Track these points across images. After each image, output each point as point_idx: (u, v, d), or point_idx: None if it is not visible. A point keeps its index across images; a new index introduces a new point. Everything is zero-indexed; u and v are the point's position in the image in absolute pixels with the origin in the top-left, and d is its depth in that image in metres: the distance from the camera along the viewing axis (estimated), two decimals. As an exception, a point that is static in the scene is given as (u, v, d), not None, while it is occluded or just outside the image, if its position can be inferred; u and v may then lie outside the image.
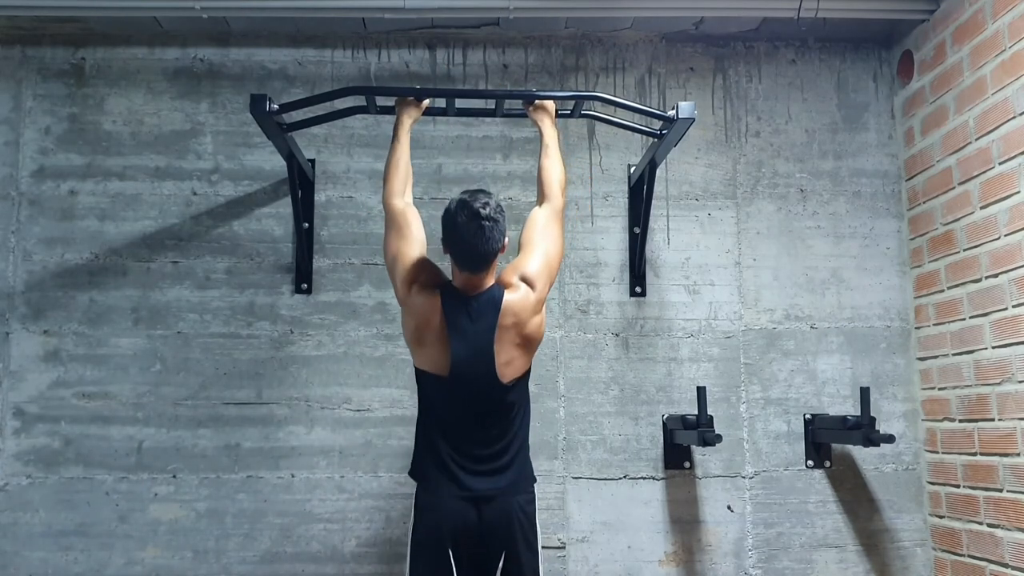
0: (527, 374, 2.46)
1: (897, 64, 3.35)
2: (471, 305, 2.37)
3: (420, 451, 2.45)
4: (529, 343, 2.42)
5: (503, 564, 2.36)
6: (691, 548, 3.12)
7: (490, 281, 2.41)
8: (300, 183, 3.08)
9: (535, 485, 2.47)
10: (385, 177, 2.57)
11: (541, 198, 2.60)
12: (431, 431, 2.43)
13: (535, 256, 2.47)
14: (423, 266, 2.43)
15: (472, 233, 2.31)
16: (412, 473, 2.46)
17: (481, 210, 2.31)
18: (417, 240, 2.47)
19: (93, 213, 3.17)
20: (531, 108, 2.76)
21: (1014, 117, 2.68)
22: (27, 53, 3.23)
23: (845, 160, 3.34)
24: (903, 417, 3.22)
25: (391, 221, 2.50)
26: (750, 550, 3.14)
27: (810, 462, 3.18)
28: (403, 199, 2.52)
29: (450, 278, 2.45)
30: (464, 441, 2.39)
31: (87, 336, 3.10)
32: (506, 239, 2.39)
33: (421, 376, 2.45)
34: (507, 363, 2.37)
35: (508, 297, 2.38)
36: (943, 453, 3.07)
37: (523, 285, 2.42)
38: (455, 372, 2.35)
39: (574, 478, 3.14)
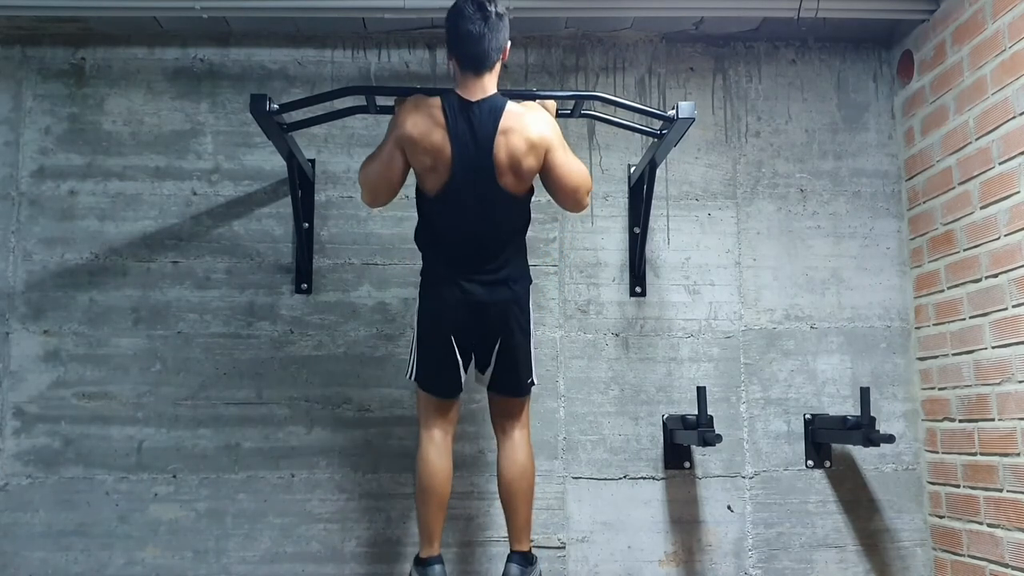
0: (526, 196, 2.55)
1: (897, 64, 3.35)
2: (472, 110, 2.44)
3: (425, 265, 2.62)
4: (522, 174, 2.48)
5: (499, 347, 2.56)
6: (691, 548, 3.12)
7: (493, 88, 2.48)
8: (300, 183, 3.08)
9: (530, 284, 2.64)
10: (363, 166, 2.62)
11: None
12: (432, 250, 2.58)
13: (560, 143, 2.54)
14: (411, 111, 2.49)
15: (477, 25, 2.40)
16: (421, 272, 2.63)
17: (487, 3, 2.41)
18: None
19: (93, 213, 3.17)
20: (531, 107, 2.78)
21: (1014, 117, 2.68)
22: (27, 53, 3.23)
23: (845, 160, 3.34)
24: (903, 417, 3.22)
25: (368, 162, 2.61)
26: (750, 550, 3.14)
27: (810, 462, 3.18)
28: None
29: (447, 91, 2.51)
30: (464, 251, 2.51)
31: (87, 336, 3.10)
32: (508, 45, 2.49)
33: (423, 199, 2.56)
34: (503, 174, 2.45)
35: (510, 107, 2.46)
36: (943, 453, 3.07)
37: (529, 114, 2.48)
38: (456, 176, 2.44)
39: (574, 478, 3.14)
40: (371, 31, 3.27)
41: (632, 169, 3.27)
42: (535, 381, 2.66)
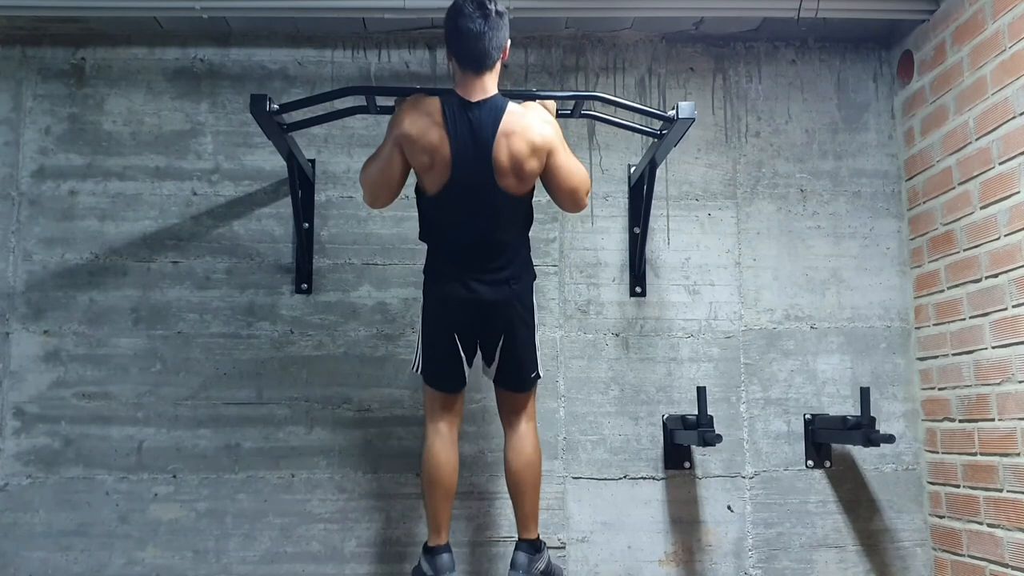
0: (527, 196, 2.55)
1: (897, 64, 3.35)
2: (472, 110, 2.43)
3: (428, 261, 2.62)
4: (524, 176, 2.47)
5: (502, 344, 2.58)
6: (691, 548, 3.12)
7: (493, 88, 2.47)
8: (300, 183, 3.08)
9: (534, 279, 2.65)
10: (363, 167, 2.62)
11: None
12: (434, 248, 2.59)
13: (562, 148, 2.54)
14: (409, 112, 2.49)
15: (477, 24, 2.38)
16: (424, 270, 2.63)
17: (487, 2, 2.39)
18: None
19: (93, 213, 3.17)
20: (531, 107, 2.78)
21: (1014, 117, 2.68)
22: (27, 53, 3.23)
23: (845, 160, 3.34)
24: (903, 417, 3.22)
25: (368, 163, 2.60)
26: (750, 550, 3.14)
27: (810, 462, 3.18)
28: None
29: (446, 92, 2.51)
30: (465, 250, 2.51)
31: (87, 336, 3.10)
32: (508, 43, 2.47)
33: (424, 201, 2.56)
34: (504, 176, 2.44)
35: (512, 108, 2.45)
36: (943, 453, 3.07)
37: (531, 115, 2.48)
38: (455, 177, 2.43)
39: (574, 478, 3.14)
40: (371, 31, 3.27)
41: (632, 169, 3.27)
42: (540, 374, 2.70)
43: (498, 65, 2.48)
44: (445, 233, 2.56)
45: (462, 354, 2.58)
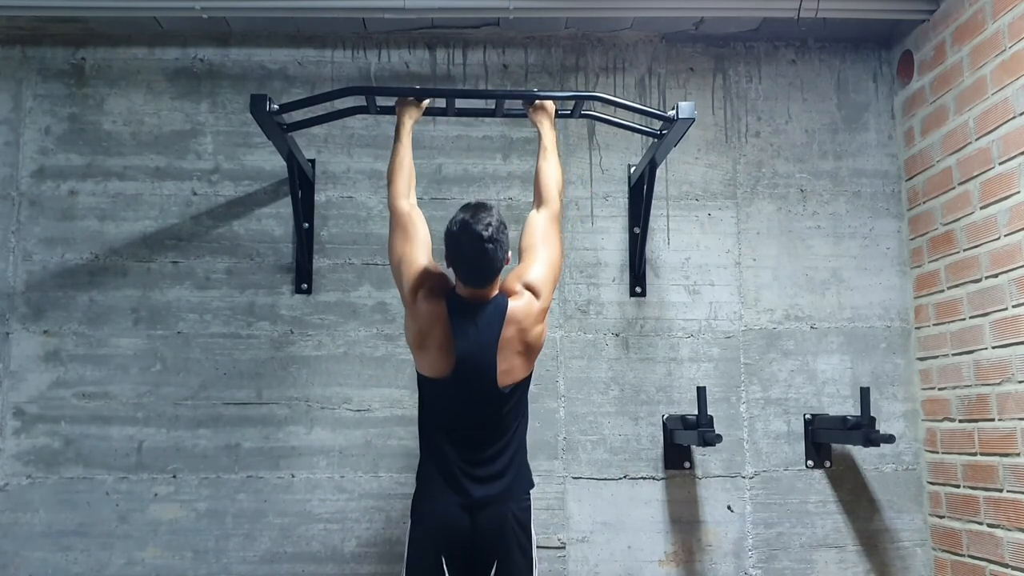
0: (527, 380, 2.47)
1: (897, 64, 3.35)
2: (476, 313, 2.38)
3: (422, 455, 2.48)
4: (530, 351, 2.43)
5: (496, 571, 2.38)
6: (691, 548, 3.12)
7: (494, 292, 2.42)
8: (300, 183, 3.08)
9: (531, 491, 2.47)
10: (389, 178, 2.57)
11: (538, 201, 2.60)
12: (430, 435, 2.46)
13: (538, 264, 2.48)
14: (429, 272, 2.44)
15: (475, 255, 2.33)
16: (417, 476, 2.49)
17: (483, 232, 2.31)
18: (423, 243, 2.48)
19: (93, 213, 3.17)
20: (531, 108, 2.76)
21: (1014, 117, 2.68)
22: (27, 53, 3.23)
23: (845, 160, 3.34)
24: (903, 417, 3.22)
25: (397, 223, 2.50)
26: (750, 550, 3.14)
27: (810, 462, 3.18)
28: (408, 200, 2.53)
29: (454, 284, 2.45)
30: (461, 445, 2.40)
31: (87, 336, 3.10)
32: (509, 253, 2.41)
33: (422, 380, 2.46)
34: (507, 371, 2.38)
35: (513, 305, 2.40)
36: (943, 453, 3.07)
37: (527, 293, 2.43)
38: (456, 377, 2.37)
39: (574, 478, 3.14)
40: (371, 31, 3.27)
41: (632, 169, 3.27)
42: None
43: (500, 275, 2.42)
44: (441, 423, 2.44)
45: None
